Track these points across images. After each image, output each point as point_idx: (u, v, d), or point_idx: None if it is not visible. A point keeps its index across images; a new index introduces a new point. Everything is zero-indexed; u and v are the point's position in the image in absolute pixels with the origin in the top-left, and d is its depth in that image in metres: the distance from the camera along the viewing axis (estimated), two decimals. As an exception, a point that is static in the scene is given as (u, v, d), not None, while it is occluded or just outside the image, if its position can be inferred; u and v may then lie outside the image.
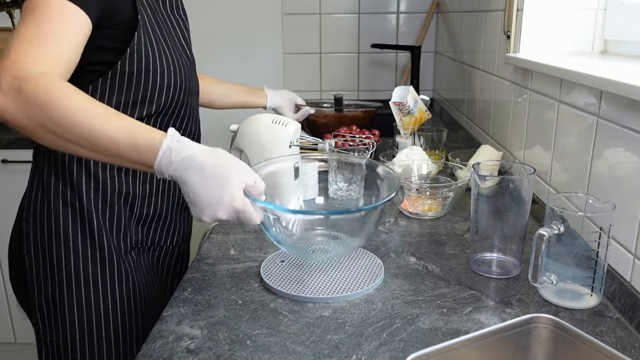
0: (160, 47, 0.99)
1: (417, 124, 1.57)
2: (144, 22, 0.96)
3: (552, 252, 0.81)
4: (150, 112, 1.00)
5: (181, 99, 1.05)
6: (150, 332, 0.77)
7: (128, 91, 0.97)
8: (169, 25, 1.06)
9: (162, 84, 0.99)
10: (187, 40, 1.13)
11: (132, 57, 0.94)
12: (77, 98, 0.76)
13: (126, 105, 0.98)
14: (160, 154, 0.73)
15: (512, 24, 1.29)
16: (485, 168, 1.01)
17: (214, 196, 0.73)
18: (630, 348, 0.72)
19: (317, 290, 0.85)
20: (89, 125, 0.74)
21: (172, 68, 1.01)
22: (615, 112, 0.85)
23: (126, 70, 0.95)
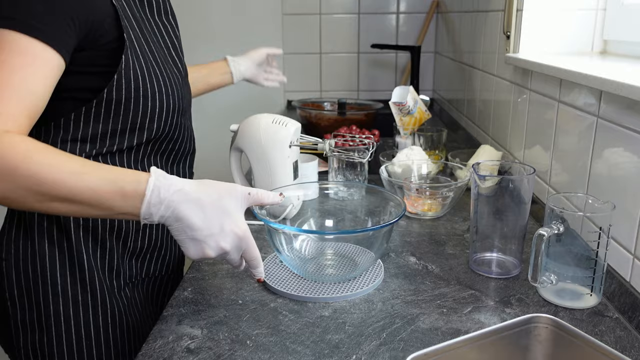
0: (150, 67, 0.89)
1: (417, 124, 1.57)
2: (131, 41, 0.86)
3: (552, 252, 0.81)
4: (142, 140, 0.91)
5: (175, 121, 0.96)
6: (150, 332, 0.77)
7: (116, 120, 0.87)
8: (158, 36, 0.97)
9: (153, 110, 0.90)
10: (178, 51, 1.02)
11: (119, 84, 0.84)
12: (45, 157, 0.69)
13: (114, 135, 0.88)
14: (148, 194, 0.69)
15: (512, 24, 1.29)
16: (485, 168, 1.02)
17: (215, 225, 0.71)
18: (630, 348, 0.72)
19: (317, 290, 0.85)
20: (61, 183, 0.68)
21: (164, 90, 0.91)
22: (614, 112, 0.85)
23: (113, 98, 0.85)
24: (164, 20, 1.00)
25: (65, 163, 0.69)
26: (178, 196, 0.70)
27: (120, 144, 0.89)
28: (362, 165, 1.28)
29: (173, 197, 0.70)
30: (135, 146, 0.91)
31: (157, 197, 0.69)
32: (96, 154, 0.88)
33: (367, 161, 1.26)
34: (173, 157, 1.01)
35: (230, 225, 0.72)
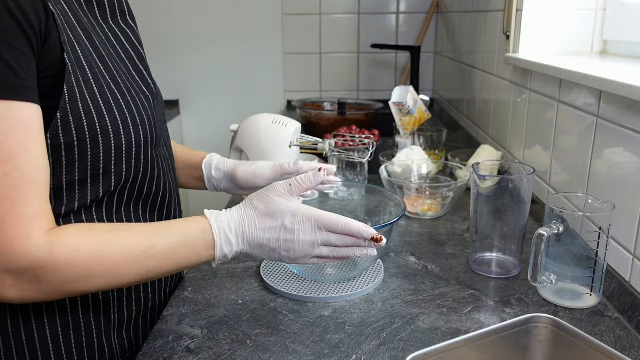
0: (109, 93, 0.69)
1: (417, 124, 1.56)
2: (78, 61, 0.65)
3: (552, 252, 0.81)
4: (109, 188, 0.72)
5: (149, 158, 0.76)
6: (150, 332, 0.77)
7: (70, 169, 0.68)
8: (116, 47, 0.76)
9: (118, 148, 0.70)
10: (143, 62, 0.81)
11: (65, 123, 0.64)
12: (111, 245, 0.64)
13: (71, 188, 0.69)
14: (217, 239, 0.68)
15: (512, 24, 1.29)
16: (485, 168, 1.02)
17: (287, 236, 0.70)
18: (630, 348, 0.72)
19: (317, 290, 0.85)
20: (138, 266, 0.66)
21: (129, 121, 0.71)
22: (614, 112, 0.86)
23: (61, 143, 0.65)
24: (121, 24, 0.80)
25: (133, 243, 0.66)
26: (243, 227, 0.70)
27: (82, 199, 0.70)
28: (362, 165, 1.28)
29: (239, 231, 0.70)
30: (103, 197, 0.72)
31: (226, 237, 0.69)
32: (56, 215, 0.68)
33: (367, 161, 1.26)
34: (152, 202, 0.81)
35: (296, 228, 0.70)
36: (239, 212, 0.71)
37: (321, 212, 0.70)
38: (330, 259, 0.72)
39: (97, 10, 0.76)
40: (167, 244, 0.67)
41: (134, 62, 0.78)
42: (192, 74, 2.48)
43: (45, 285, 0.62)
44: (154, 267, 0.67)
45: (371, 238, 0.70)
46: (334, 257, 0.72)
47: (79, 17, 0.69)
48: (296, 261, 0.72)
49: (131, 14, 0.83)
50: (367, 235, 0.70)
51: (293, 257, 0.71)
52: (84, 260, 0.63)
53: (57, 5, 0.65)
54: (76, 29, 0.67)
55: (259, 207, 0.70)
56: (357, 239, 0.70)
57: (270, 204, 0.70)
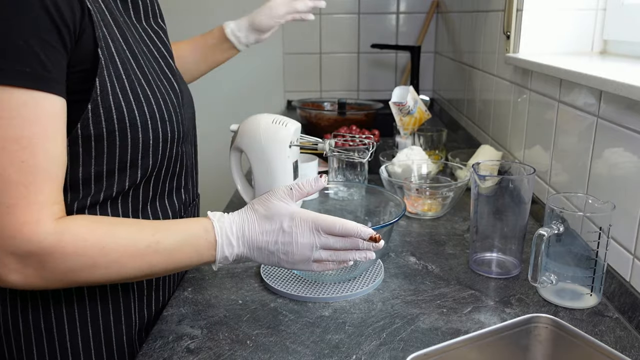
0: (139, 88, 0.72)
1: (417, 124, 1.56)
2: (111, 57, 0.68)
3: (552, 252, 0.81)
4: (135, 180, 0.75)
5: (174, 153, 0.80)
6: (150, 332, 0.77)
7: (98, 160, 0.71)
8: (149, 46, 0.80)
9: (145, 142, 0.73)
10: (172, 62, 0.84)
11: (96, 115, 0.67)
12: (117, 238, 0.66)
13: (98, 179, 0.72)
14: (219, 239, 0.70)
15: (512, 24, 1.29)
16: (485, 168, 1.02)
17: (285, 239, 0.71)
18: (630, 348, 0.72)
19: (317, 290, 0.85)
20: (142, 260, 0.67)
21: (157, 116, 0.74)
22: (614, 112, 0.85)
23: (91, 134, 0.68)
24: (153, 26, 0.84)
25: (138, 237, 0.67)
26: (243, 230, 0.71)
27: (108, 190, 0.74)
28: (362, 165, 1.28)
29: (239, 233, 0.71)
30: (129, 189, 0.76)
31: (227, 238, 0.70)
32: (80, 207, 0.73)
33: (367, 161, 1.26)
34: (176, 195, 0.86)
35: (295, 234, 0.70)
36: (240, 215, 0.72)
37: (319, 215, 0.71)
38: (330, 264, 0.72)
39: (132, 12, 0.80)
40: (172, 241, 0.68)
41: (166, 61, 0.82)
42: (192, 74, 2.47)
43: (49, 272, 0.63)
44: (157, 263, 0.68)
45: (369, 238, 0.70)
46: (333, 260, 0.72)
47: (115, 16, 0.73)
48: (295, 265, 0.72)
49: (162, 17, 0.87)
50: (365, 235, 0.70)
51: (292, 261, 0.72)
52: (90, 250, 0.64)
53: (95, 4, 0.68)
54: (111, 26, 0.71)
55: (259, 211, 0.72)
56: (355, 241, 0.71)
57: (270, 207, 0.71)
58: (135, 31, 0.78)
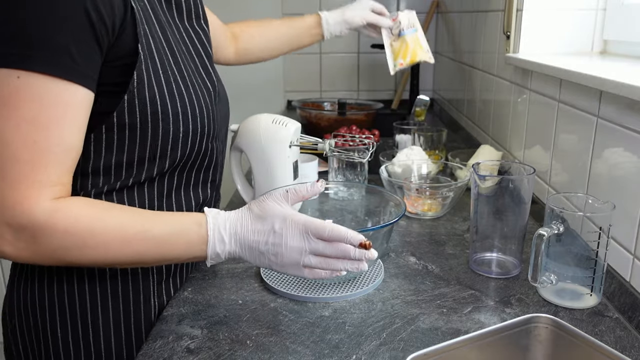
0: (173, 83, 0.76)
1: (411, 57, 1.37)
2: (150, 53, 0.72)
3: (552, 252, 0.81)
4: (163, 169, 0.79)
5: (203, 147, 0.82)
6: (150, 332, 0.77)
7: (131, 148, 0.75)
8: (188, 45, 0.84)
9: (176, 134, 0.76)
10: (210, 62, 0.88)
11: (132, 106, 0.71)
12: (108, 222, 0.68)
13: (130, 165, 0.76)
14: (210, 234, 0.71)
15: (512, 24, 1.29)
16: (485, 168, 1.01)
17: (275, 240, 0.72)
18: (630, 348, 0.72)
19: (317, 290, 0.85)
20: (129, 247, 0.69)
21: (189, 111, 0.77)
22: (614, 112, 0.85)
23: (126, 123, 0.72)
24: (195, 26, 0.87)
25: (128, 223, 0.69)
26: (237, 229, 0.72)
27: (137, 176, 0.77)
28: (362, 165, 1.28)
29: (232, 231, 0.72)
30: (157, 177, 0.79)
31: (220, 234, 0.71)
32: (109, 190, 0.77)
33: (367, 161, 1.26)
34: (202, 188, 0.89)
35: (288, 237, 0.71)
36: (236, 214, 0.73)
37: (310, 219, 0.71)
38: (321, 271, 0.72)
39: (175, 11, 0.84)
40: (161, 231, 0.70)
41: (202, 60, 0.86)
42: (192, 74, 2.48)
43: (40, 246, 0.66)
44: (145, 252, 0.70)
45: (360, 244, 0.70)
46: (323, 268, 0.72)
47: (158, 14, 0.77)
48: (285, 268, 0.73)
49: (205, 18, 0.91)
50: (355, 241, 0.70)
51: (281, 263, 0.72)
52: (80, 230, 0.67)
53: (140, 2, 0.72)
54: (153, 24, 0.75)
55: (254, 210, 0.73)
56: (346, 249, 0.71)
57: (264, 207, 0.72)
58: (176, 30, 0.83)
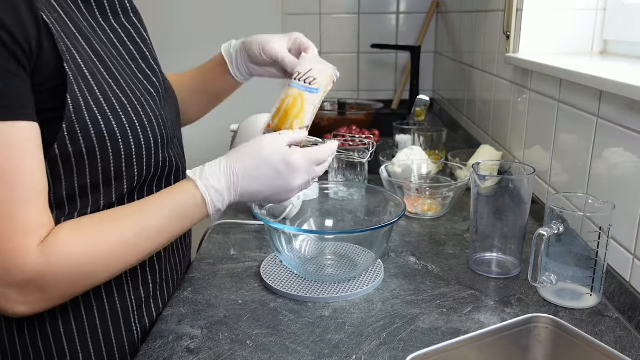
0: (113, 98, 0.68)
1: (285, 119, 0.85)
2: (80, 70, 0.64)
3: (552, 252, 0.81)
4: (122, 191, 0.72)
5: (160, 158, 0.76)
6: (150, 332, 0.77)
7: (81, 176, 0.68)
8: (118, 47, 0.75)
9: (128, 152, 0.70)
10: (149, 62, 0.79)
11: (73, 133, 0.64)
12: (106, 241, 0.65)
13: (84, 194, 0.69)
14: (207, 198, 0.71)
15: (512, 24, 1.29)
16: (485, 168, 1.01)
17: (275, 177, 0.73)
18: (630, 348, 0.72)
19: (317, 290, 0.85)
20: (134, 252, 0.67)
21: (137, 124, 0.70)
22: (615, 112, 0.85)
23: (70, 153, 0.65)
24: (123, 23, 0.77)
25: (125, 230, 0.66)
26: (229, 184, 0.72)
27: (95, 204, 0.71)
28: (362, 165, 1.28)
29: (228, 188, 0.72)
30: (115, 201, 0.73)
31: (216, 191, 0.71)
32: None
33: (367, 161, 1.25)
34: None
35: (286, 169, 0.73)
36: (228, 164, 0.73)
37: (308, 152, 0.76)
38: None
39: (97, 11, 0.74)
40: (159, 221, 0.68)
41: (137, 63, 0.77)
42: (192, 74, 2.47)
43: (51, 293, 0.63)
44: (150, 247, 0.69)
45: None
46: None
47: (77, 22, 0.68)
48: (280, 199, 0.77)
49: (135, 10, 0.81)
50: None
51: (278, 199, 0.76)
52: (82, 261, 0.64)
53: (53, 14, 0.64)
54: (74, 35, 0.66)
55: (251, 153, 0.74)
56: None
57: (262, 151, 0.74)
58: (102, 33, 0.73)
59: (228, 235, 1.09)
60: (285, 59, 0.86)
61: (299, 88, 0.83)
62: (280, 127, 0.82)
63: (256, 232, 1.10)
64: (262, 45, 0.88)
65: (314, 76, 0.83)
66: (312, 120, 0.84)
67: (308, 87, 0.83)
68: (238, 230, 1.12)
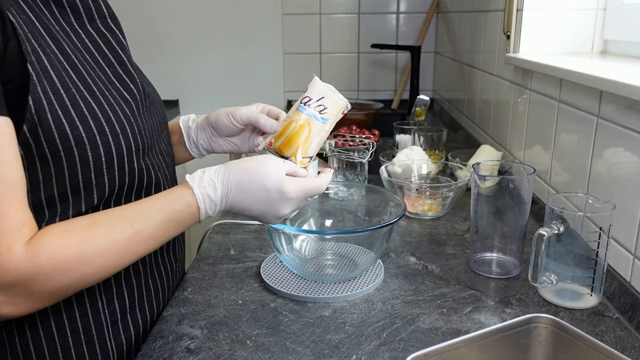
0: (78, 103, 0.66)
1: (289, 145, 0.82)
2: (45, 71, 0.63)
3: (552, 252, 0.81)
4: (93, 202, 0.69)
5: (136, 167, 0.73)
6: (150, 332, 0.77)
7: (48, 185, 0.66)
8: (93, 53, 0.73)
9: (97, 160, 0.67)
10: (126, 67, 0.76)
11: (36, 136, 0.62)
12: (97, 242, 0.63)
13: (52, 204, 0.67)
14: (201, 207, 0.70)
15: (512, 24, 1.29)
16: (485, 168, 1.01)
17: (266, 200, 0.72)
18: (630, 348, 0.72)
19: (317, 290, 0.85)
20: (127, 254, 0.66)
21: (107, 130, 0.68)
22: (615, 112, 0.85)
23: (35, 156, 0.64)
24: (100, 28, 0.75)
25: (117, 233, 0.65)
26: (224, 191, 0.71)
27: (63, 213, 0.68)
28: (362, 165, 1.28)
29: (222, 195, 0.71)
30: (87, 210, 0.69)
31: (210, 201, 0.71)
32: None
33: (367, 161, 1.26)
34: None
35: (277, 194, 0.72)
36: (225, 179, 0.72)
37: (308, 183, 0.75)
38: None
39: (71, 16, 0.72)
40: (152, 226, 0.67)
41: (114, 68, 0.75)
42: (192, 74, 2.48)
43: (38, 294, 0.62)
44: (142, 251, 0.67)
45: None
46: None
47: (48, 26, 0.67)
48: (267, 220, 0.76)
49: (113, 16, 0.79)
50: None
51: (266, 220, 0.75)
52: (71, 263, 0.62)
53: (21, 15, 0.63)
54: (43, 38, 0.65)
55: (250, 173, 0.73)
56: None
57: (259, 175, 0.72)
58: (76, 38, 0.71)
59: (228, 235, 1.09)
60: (259, 119, 0.85)
61: (307, 114, 0.79)
62: (282, 150, 0.79)
63: (256, 232, 1.10)
64: (231, 112, 0.87)
65: (325, 105, 0.79)
66: (317, 152, 0.81)
67: (318, 115, 0.78)
68: (238, 230, 1.12)
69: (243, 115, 0.86)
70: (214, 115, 0.90)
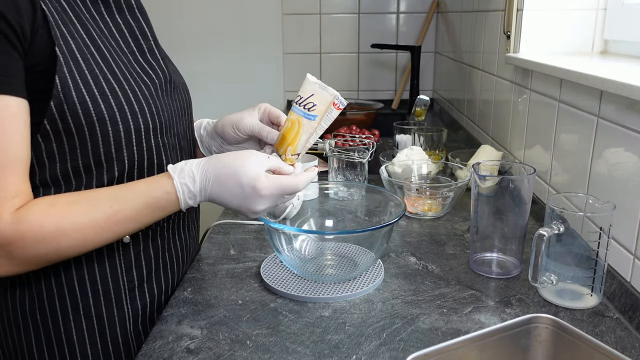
0: (104, 82, 0.72)
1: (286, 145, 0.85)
2: (72, 54, 0.70)
3: (552, 252, 0.81)
4: (114, 174, 0.76)
5: (153, 144, 0.79)
6: (150, 332, 0.77)
7: (73, 155, 0.73)
8: (118, 40, 0.80)
9: (117, 135, 0.74)
10: (153, 53, 0.84)
11: (62, 112, 0.69)
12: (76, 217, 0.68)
13: (78, 174, 0.74)
14: (180, 196, 0.73)
15: (512, 24, 1.29)
16: (485, 168, 1.01)
17: (240, 195, 0.74)
18: (630, 348, 0.72)
19: (317, 290, 0.85)
20: (103, 232, 0.70)
21: (127, 108, 0.74)
22: (615, 112, 0.85)
23: (60, 130, 0.70)
24: (127, 19, 0.82)
25: (96, 212, 0.69)
26: (202, 183, 0.74)
27: (88, 184, 0.75)
28: (362, 165, 1.28)
29: (201, 187, 0.74)
30: (109, 183, 0.76)
31: (189, 191, 0.73)
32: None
33: (367, 161, 1.26)
34: None
35: (251, 189, 0.74)
36: (204, 172, 0.74)
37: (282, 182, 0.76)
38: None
39: (101, 6, 0.79)
40: (131, 208, 0.71)
41: (135, 55, 0.81)
42: (192, 74, 2.47)
43: (18, 259, 0.67)
44: (120, 231, 0.72)
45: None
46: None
47: (78, 13, 0.74)
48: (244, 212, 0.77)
49: (141, 7, 0.86)
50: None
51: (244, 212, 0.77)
52: (49, 234, 0.67)
53: (54, 4, 0.69)
54: (73, 23, 0.72)
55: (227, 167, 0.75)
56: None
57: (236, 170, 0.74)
58: (104, 25, 0.78)
59: (228, 235, 1.09)
60: (262, 131, 0.88)
61: (297, 113, 0.82)
62: (278, 149, 0.83)
63: (256, 232, 1.10)
64: (235, 124, 0.89)
65: (314, 102, 0.82)
66: (307, 149, 0.83)
67: (306, 113, 0.82)
68: (238, 230, 1.12)
69: (247, 127, 0.89)
70: (221, 126, 0.92)
